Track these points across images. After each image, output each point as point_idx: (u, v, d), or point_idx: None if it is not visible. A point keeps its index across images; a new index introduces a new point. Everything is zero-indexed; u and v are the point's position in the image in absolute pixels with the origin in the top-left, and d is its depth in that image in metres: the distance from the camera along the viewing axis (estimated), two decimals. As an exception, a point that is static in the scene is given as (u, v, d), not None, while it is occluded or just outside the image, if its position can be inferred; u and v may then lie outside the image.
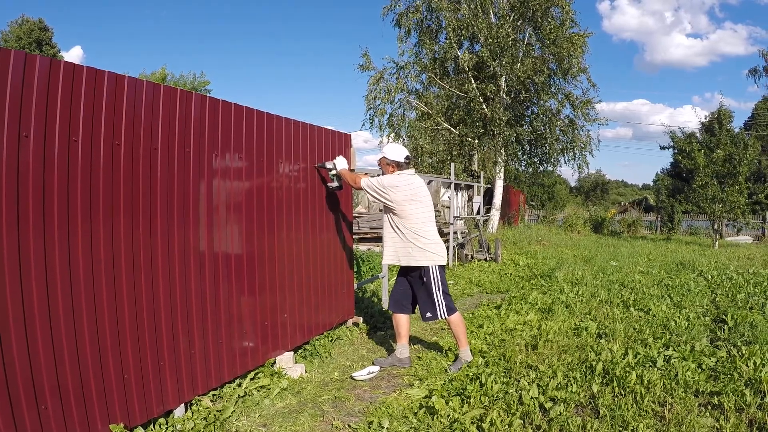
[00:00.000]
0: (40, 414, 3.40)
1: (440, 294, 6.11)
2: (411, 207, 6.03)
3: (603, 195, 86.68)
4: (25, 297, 3.31)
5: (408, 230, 6.03)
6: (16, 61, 3.24)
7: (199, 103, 4.70)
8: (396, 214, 6.07)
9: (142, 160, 4.14)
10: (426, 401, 5.02)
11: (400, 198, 6.00)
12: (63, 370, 3.55)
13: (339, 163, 6.65)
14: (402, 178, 6.11)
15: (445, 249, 6.39)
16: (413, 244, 6.04)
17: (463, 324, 6.28)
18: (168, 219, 4.40)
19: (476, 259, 15.47)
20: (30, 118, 3.32)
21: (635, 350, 6.11)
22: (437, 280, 6.10)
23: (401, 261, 6.19)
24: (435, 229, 6.27)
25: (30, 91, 3.31)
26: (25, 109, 3.29)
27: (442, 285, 6.14)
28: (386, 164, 6.29)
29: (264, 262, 5.64)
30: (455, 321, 6.20)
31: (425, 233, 6.06)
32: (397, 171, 6.22)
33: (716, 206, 23.70)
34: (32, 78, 3.33)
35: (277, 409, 5.02)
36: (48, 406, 3.44)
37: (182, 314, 4.57)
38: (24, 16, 51.41)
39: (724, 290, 10.26)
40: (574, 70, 25.16)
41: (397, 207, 6.02)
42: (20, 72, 3.26)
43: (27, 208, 3.32)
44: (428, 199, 6.23)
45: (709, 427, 4.38)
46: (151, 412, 4.29)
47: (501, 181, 26.89)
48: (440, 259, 6.14)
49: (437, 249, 6.12)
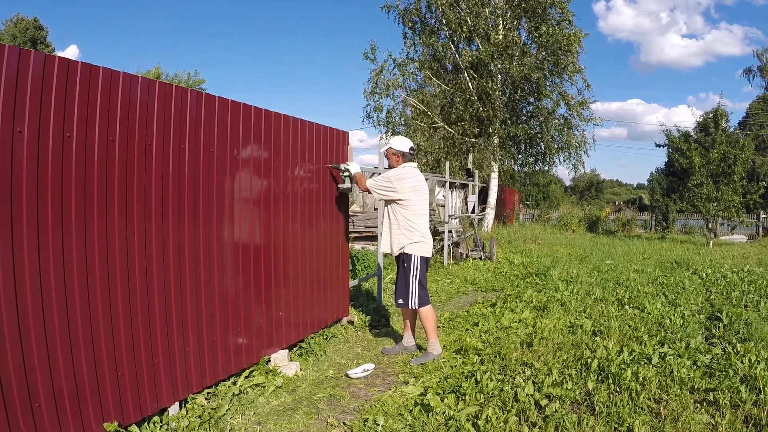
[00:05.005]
0: (34, 412, 3.39)
1: (416, 283, 6.31)
2: (414, 197, 6.32)
3: (598, 194, 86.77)
4: (18, 295, 3.30)
5: (404, 219, 6.31)
6: (10, 57, 3.22)
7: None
8: (398, 204, 6.33)
9: (136, 158, 4.13)
10: (421, 399, 5.01)
11: (406, 188, 6.28)
12: (56, 367, 3.54)
13: (353, 166, 6.92)
14: (407, 170, 6.40)
15: (432, 244, 6.58)
16: (404, 233, 6.33)
17: (433, 318, 6.44)
18: (163, 217, 4.38)
19: (471, 257, 15.47)
20: (24, 114, 3.30)
21: (630, 347, 6.11)
22: (417, 270, 6.32)
23: (394, 250, 6.45)
24: (427, 223, 6.49)
25: (24, 86, 3.30)
26: (19, 105, 3.28)
27: (420, 276, 6.34)
28: (392, 154, 6.52)
29: (260, 260, 5.64)
30: (425, 313, 6.40)
31: (417, 225, 6.33)
32: (402, 163, 6.45)
33: (711, 205, 23.73)
34: (26, 73, 3.31)
35: (271, 407, 5.00)
36: (41, 404, 3.43)
37: (177, 312, 4.55)
38: (19, 15, 51.42)
39: (719, 288, 10.27)
40: (570, 70, 25.20)
41: (402, 197, 6.28)
42: (14, 67, 3.24)
43: (21, 205, 3.30)
44: (427, 193, 6.50)
45: (705, 424, 4.38)
46: (146, 410, 4.28)
47: (496, 180, 26.93)
48: (425, 251, 6.39)
49: (424, 241, 6.38)
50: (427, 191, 6.53)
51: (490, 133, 26.02)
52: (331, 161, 6.98)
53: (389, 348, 6.81)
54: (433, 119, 26.73)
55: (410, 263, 6.33)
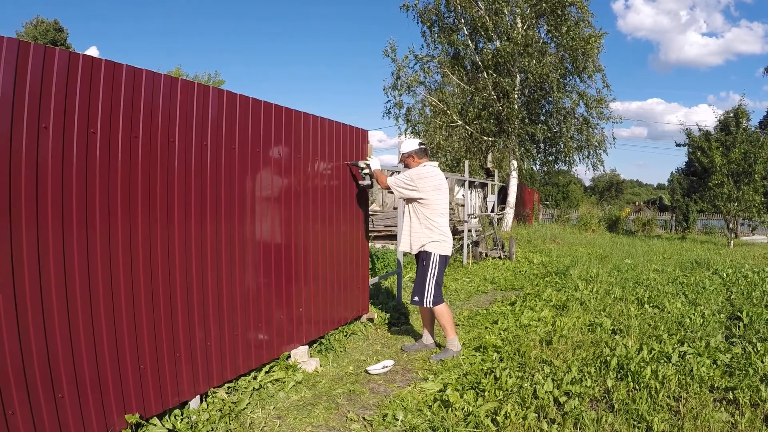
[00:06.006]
0: (57, 402, 3.44)
1: (433, 282, 6.34)
2: (435, 195, 6.33)
3: (617, 194, 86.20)
4: (43, 288, 3.35)
5: (425, 218, 6.32)
6: (35, 55, 3.28)
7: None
8: (419, 203, 6.35)
9: (159, 155, 4.18)
10: (440, 395, 5.03)
11: (428, 187, 6.29)
12: (80, 359, 3.59)
13: (374, 163, 6.96)
14: (428, 169, 6.40)
15: (452, 243, 6.61)
16: (425, 232, 6.34)
17: (449, 314, 6.47)
18: (185, 214, 4.43)
19: (490, 256, 15.47)
20: (49, 110, 3.36)
21: (650, 346, 6.09)
22: (435, 269, 6.35)
23: (413, 248, 6.48)
24: (447, 221, 6.49)
25: (49, 83, 3.35)
26: (45, 101, 3.33)
27: (438, 275, 6.38)
28: (407, 157, 6.57)
29: (280, 256, 5.67)
30: (440, 311, 6.42)
31: (438, 224, 6.34)
32: (419, 162, 6.49)
33: (732, 205, 23.53)
34: (51, 70, 3.36)
35: (291, 401, 5.04)
36: (65, 395, 3.48)
37: (199, 307, 4.60)
38: (39, 17, 51.77)
39: (739, 288, 10.17)
40: (590, 69, 25.09)
41: (423, 196, 6.29)
42: (40, 65, 3.29)
43: (46, 200, 3.36)
44: (447, 191, 6.51)
45: (724, 422, 4.36)
46: (167, 402, 4.33)
47: (515, 179, 26.87)
48: (445, 249, 6.40)
49: (444, 240, 6.39)
50: (447, 190, 6.53)
51: (509, 132, 25.96)
52: (351, 160, 7.01)
53: (409, 345, 6.84)
54: (452, 118, 26.70)
55: (429, 261, 6.35)
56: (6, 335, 3.15)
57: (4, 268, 3.14)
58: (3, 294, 3.14)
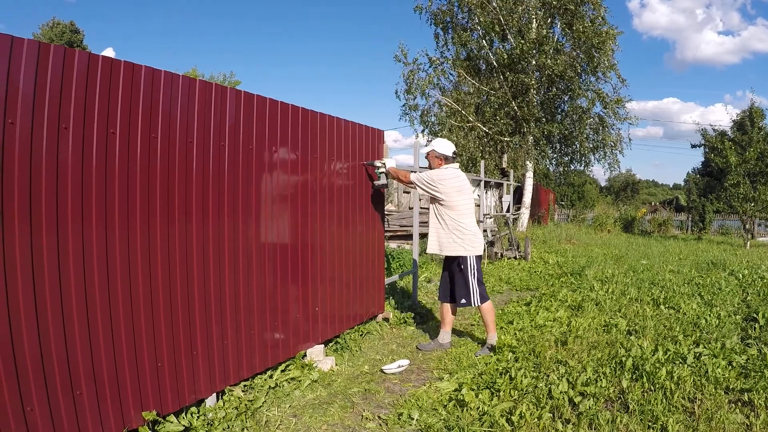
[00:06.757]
0: (75, 399, 3.48)
1: (475, 282, 6.44)
2: (458, 198, 6.38)
3: (633, 195, 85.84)
4: (63, 286, 3.39)
5: (452, 220, 6.37)
6: (56, 56, 3.32)
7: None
8: (442, 205, 6.41)
9: (177, 154, 4.21)
10: (456, 394, 5.05)
11: (450, 189, 6.34)
12: (98, 356, 3.63)
13: (389, 161, 7.04)
14: (450, 172, 6.46)
15: (482, 240, 6.65)
16: (455, 235, 6.40)
17: (493, 312, 6.62)
18: (203, 213, 4.46)
19: (506, 257, 15.43)
20: (69, 111, 3.40)
21: (665, 347, 6.08)
22: (473, 269, 6.45)
23: (443, 251, 6.54)
24: (474, 221, 6.56)
25: (69, 84, 3.40)
26: (65, 102, 3.38)
27: (478, 274, 6.48)
28: (435, 157, 6.59)
29: (296, 256, 5.71)
30: (486, 308, 6.56)
31: (466, 225, 6.40)
32: (444, 165, 6.52)
33: (748, 205, 23.37)
34: (71, 71, 3.40)
35: (307, 400, 5.07)
36: (83, 392, 3.52)
37: (216, 305, 4.64)
38: (55, 19, 52.05)
39: (756, 289, 10.11)
40: (604, 66, 24.95)
41: (445, 198, 6.35)
42: (60, 66, 3.34)
43: (66, 200, 3.40)
44: (471, 192, 6.57)
45: (739, 424, 4.35)
46: (184, 400, 4.36)
47: (531, 179, 26.79)
48: (477, 249, 6.48)
49: (475, 240, 6.46)
50: (470, 190, 6.57)
51: (524, 132, 25.91)
52: (366, 160, 7.04)
53: (424, 344, 6.86)
54: (468, 118, 26.65)
55: (466, 264, 6.46)
56: (26, 333, 3.19)
57: (24, 269, 3.19)
58: (23, 293, 3.18)
